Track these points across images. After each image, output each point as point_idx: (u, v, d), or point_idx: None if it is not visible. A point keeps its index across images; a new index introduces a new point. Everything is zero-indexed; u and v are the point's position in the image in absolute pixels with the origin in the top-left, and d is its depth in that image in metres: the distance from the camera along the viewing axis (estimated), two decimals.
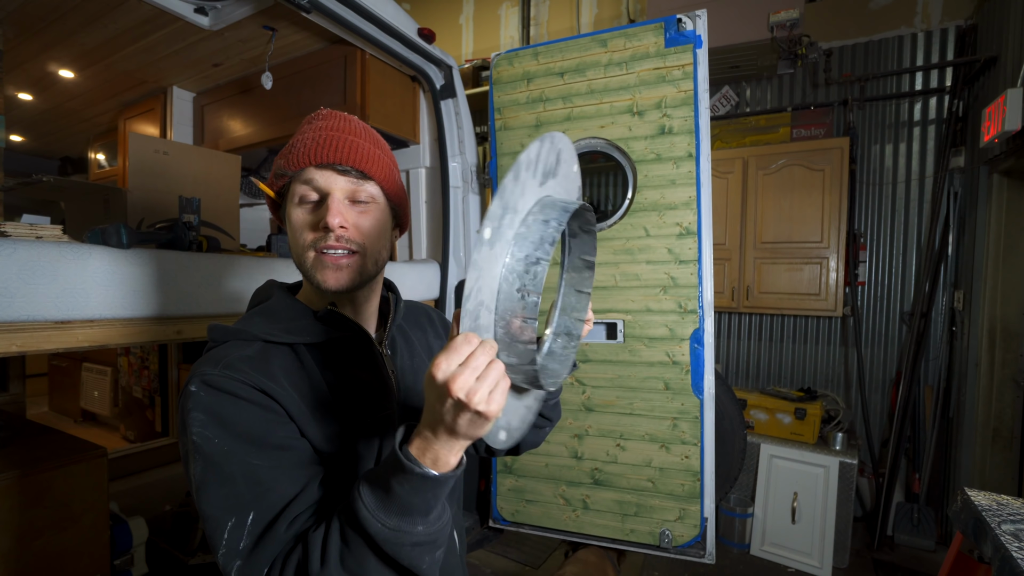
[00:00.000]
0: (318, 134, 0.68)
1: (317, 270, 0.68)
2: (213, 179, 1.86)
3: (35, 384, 3.73)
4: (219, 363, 0.62)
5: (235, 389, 0.60)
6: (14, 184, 1.64)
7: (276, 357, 0.67)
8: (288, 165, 0.68)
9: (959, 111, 2.56)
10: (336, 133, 0.69)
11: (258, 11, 1.80)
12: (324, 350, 0.71)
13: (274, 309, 0.72)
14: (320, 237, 0.67)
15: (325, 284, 0.68)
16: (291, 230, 0.70)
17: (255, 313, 0.72)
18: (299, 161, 0.67)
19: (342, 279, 0.69)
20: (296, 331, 0.69)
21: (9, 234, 1.02)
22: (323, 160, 0.67)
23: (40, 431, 1.80)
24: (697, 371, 1.74)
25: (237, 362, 0.63)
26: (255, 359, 0.65)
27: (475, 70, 3.20)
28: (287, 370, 0.66)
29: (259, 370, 0.63)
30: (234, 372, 0.61)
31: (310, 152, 0.67)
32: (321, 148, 0.67)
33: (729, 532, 2.59)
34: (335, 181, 0.68)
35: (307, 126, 0.71)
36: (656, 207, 1.80)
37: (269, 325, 0.69)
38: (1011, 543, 0.87)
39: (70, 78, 2.42)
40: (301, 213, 0.69)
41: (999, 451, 2.34)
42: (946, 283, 2.64)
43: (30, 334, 1.01)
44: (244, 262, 1.43)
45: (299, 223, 0.69)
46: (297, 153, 0.68)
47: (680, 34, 1.73)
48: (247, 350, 0.65)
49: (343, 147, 0.68)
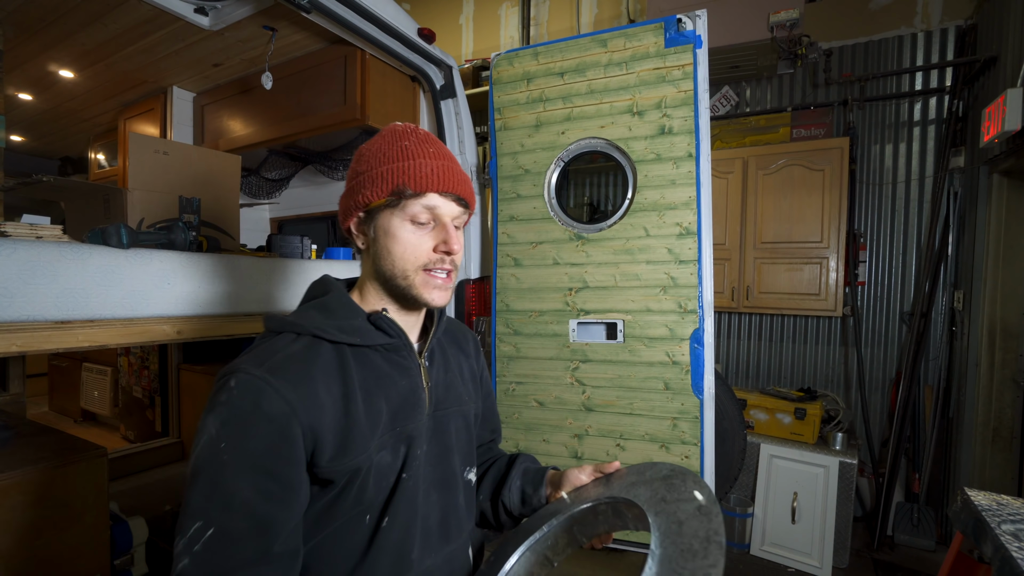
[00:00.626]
0: (439, 163, 0.74)
1: (424, 289, 0.74)
2: (213, 179, 1.86)
3: (35, 384, 3.73)
4: (264, 363, 0.65)
5: (267, 401, 0.62)
6: (14, 184, 1.64)
7: (320, 355, 0.69)
8: (414, 185, 0.72)
9: (959, 111, 2.56)
10: (452, 165, 0.76)
11: (258, 11, 1.80)
12: (368, 352, 0.74)
13: (330, 305, 0.75)
14: (436, 259, 0.74)
15: (433, 302, 0.75)
16: (399, 245, 0.73)
17: (311, 307, 0.75)
18: (426, 185, 0.72)
19: (446, 297, 0.77)
20: (348, 330, 0.72)
21: (9, 234, 1.02)
22: (448, 190, 0.74)
23: (40, 431, 1.80)
24: (697, 371, 1.74)
25: (283, 363, 0.65)
26: (300, 359, 0.67)
27: (475, 70, 3.21)
28: (327, 371, 0.68)
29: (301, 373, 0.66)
30: (274, 378, 0.63)
31: (439, 180, 0.73)
32: (448, 178, 0.74)
33: (729, 532, 2.59)
34: (451, 209, 0.76)
35: (412, 145, 0.75)
36: (656, 207, 1.80)
37: (323, 320, 0.72)
38: (1011, 543, 0.87)
39: (70, 78, 2.42)
40: (415, 232, 0.74)
41: (999, 451, 2.34)
42: (946, 283, 2.64)
43: (30, 334, 1.01)
44: (244, 262, 1.43)
45: (413, 242, 0.74)
46: (424, 176, 0.72)
47: (680, 34, 1.72)
48: (294, 346, 0.69)
49: (462, 181, 0.76)
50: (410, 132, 0.78)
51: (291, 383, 0.64)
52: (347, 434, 0.67)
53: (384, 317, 0.75)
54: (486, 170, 2.11)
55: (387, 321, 0.75)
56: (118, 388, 3.21)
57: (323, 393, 0.66)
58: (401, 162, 0.73)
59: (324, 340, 0.71)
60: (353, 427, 0.67)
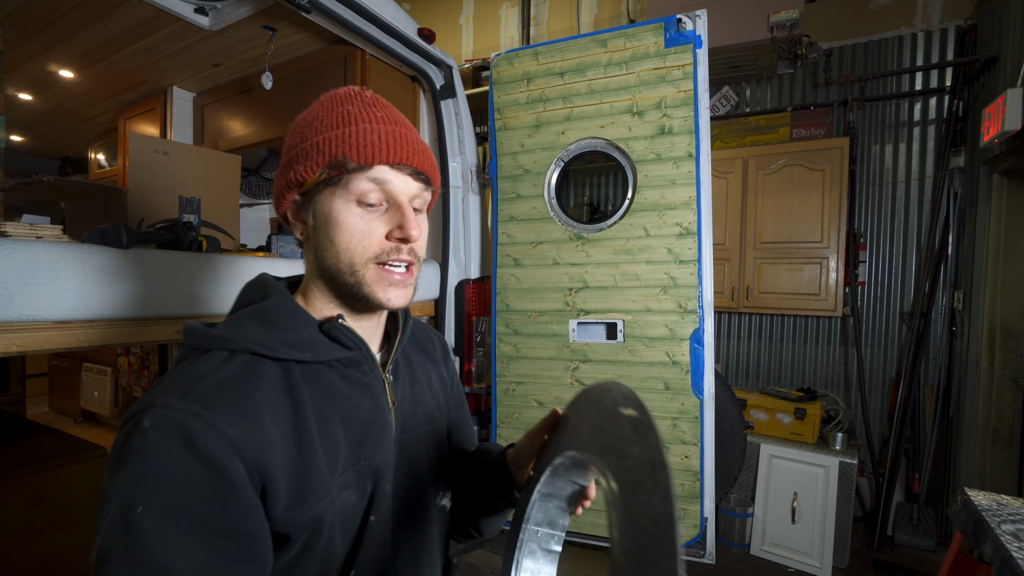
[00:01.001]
0: (388, 127, 0.59)
1: (378, 286, 0.60)
2: (213, 179, 1.86)
3: (35, 384, 3.74)
4: (188, 393, 0.50)
5: (199, 441, 0.47)
6: (14, 184, 1.64)
7: (263, 378, 0.55)
8: (357, 156, 0.57)
9: (959, 111, 2.56)
10: (405, 131, 0.61)
11: (258, 11, 1.80)
12: (320, 370, 0.60)
13: (271, 313, 0.60)
14: (391, 249, 0.60)
15: (389, 302, 0.61)
16: (343, 232, 0.59)
17: (246, 315, 0.60)
18: (373, 154, 0.58)
19: (405, 296, 0.62)
20: (295, 344, 0.58)
21: (9, 234, 1.02)
22: (402, 161, 0.59)
23: (40, 431, 1.81)
24: (697, 371, 1.74)
25: (212, 392, 0.51)
26: (236, 383, 0.53)
27: (475, 70, 3.20)
28: (272, 398, 0.54)
29: (240, 404, 0.51)
30: (205, 411, 0.48)
31: (390, 148, 0.58)
32: (402, 147, 0.59)
33: (729, 532, 2.59)
34: (407, 185, 0.61)
35: (356, 109, 0.61)
36: (656, 207, 1.80)
37: (262, 332, 0.57)
38: (1011, 543, 0.87)
39: (70, 78, 2.42)
40: (361, 217, 0.59)
41: (999, 451, 2.34)
42: (946, 283, 2.64)
43: (30, 334, 1.01)
44: (244, 262, 1.43)
45: (360, 228, 0.59)
46: (370, 144, 0.58)
47: (680, 34, 1.73)
48: (228, 368, 0.54)
49: (417, 150, 0.61)
50: (354, 95, 0.63)
51: (228, 415, 0.49)
52: (304, 476, 0.53)
53: (340, 326, 0.61)
54: (486, 170, 2.11)
55: (344, 331, 0.61)
56: (118, 388, 3.22)
57: (270, 426, 0.52)
58: (341, 129, 0.59)
59: (265, 358, 0.56)
60: (310, 466, 0.54)
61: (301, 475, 0.53)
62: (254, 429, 0.51)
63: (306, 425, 0.55)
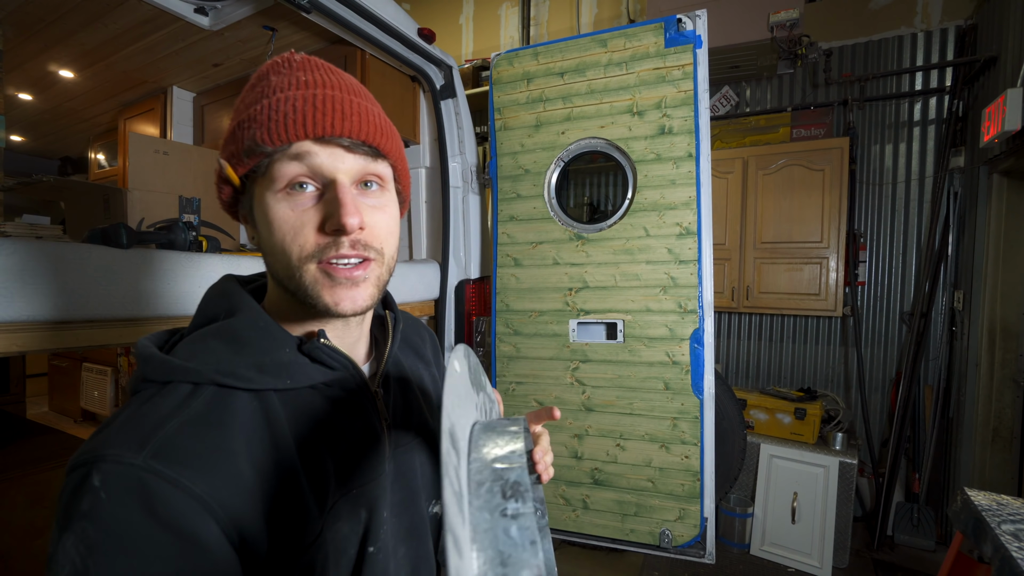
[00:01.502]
0: (311, 91, 0.48)
1: (324, 289, 0.50)
2: (213, 179, 1.86)
3: (35, 384, 3.74)
4: (146, 443, 0.41)
5: (161, 504, 0.39)
6: (14, 184, 1.64)
7: (235, 413, 0.46)
8: (268, 137, 0.47)
9: (959, 111, 2.56)
10: (335, 92, 0.49)
11: (258, 11, 1.80)
12: (301, 392, 0.52)
13: (241, 333, 0.50)
14: (327, 244, 0.49)
15: (338, 308, 0.50)
16: (273, 231, 0.49)
17: (211, 334, 0.50)
18: (288, 131, 0.47)
19: (360, 299, 0.51)
20: (271, 370, 0.49)
21: (9, 234, 1.02)
22: (326, 132, 0.48)
23: (40, 431, 1.81)
24: (697, 371, 1.74)
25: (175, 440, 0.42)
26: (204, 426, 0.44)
27: (475, 70, 3.20)
28: (248, 436, 0.46)
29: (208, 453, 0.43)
30: (168, 468, 0.40)
31: (306, 118, 0.47)
32: (322, 113, 0.47)
33: (729, 532, 2.59)
34: (342, 161, 0.49)
35: (278, 79, 0.50)
36: (656, 207, 1.80)
37: (231, 358, 0.48)
38: (1011, 543, 0.87)
39: (70, 78, 2.42)
40: (291, 208, 0.49)
41: (999, 451, 2.34)
42: (946, 283, 2.64)
43: (30, 334, 1.01)
44: (244, 262, 1.43)
45: (290, 222, 0.49)
46: (284, 118, 0.47)
47: (680, 34, 1.73)
48: (193, 406, 0.45)
49: (351, 113, 0.49)
50: (280, 63, 0.51)
51: (195, 468, 0.41)
52: (290, 519, 0.47)
53: (322, 346, 0.52)
54: (486, 170, 2.11)
55: (328, 352, 0.52)
56: (118, 388, 3.22)
57: (247, 470, 0.45)
58: (256, 105, 0.49)
59: (237, 390, 0.48)
60: (296, 507, 0.47)
61: (286, 518, 0.47)
62: (228, 480, 0.43)
63: (289, 461, 0.48)
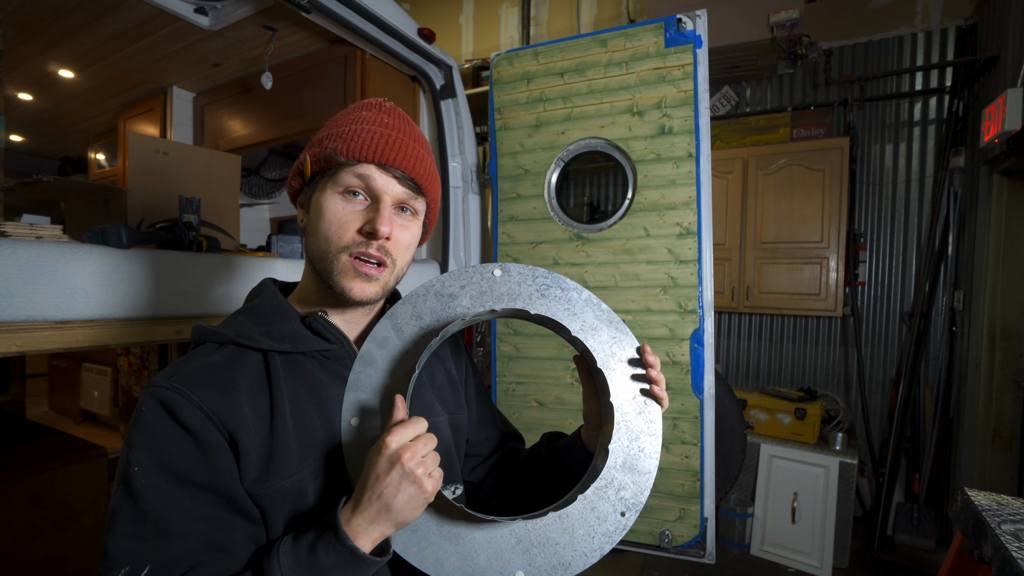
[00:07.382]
0: (386, 131, 0.64)
1: (345, 276, 0.63)
2: (213, 179, 1.86)
3: (35, 384, 3.73)
4: (175, 374, 0.57)
5: (177, 410, 0.54)
6: (14, 184, 1.64)
7: (244, 365, 0.61)
8: (346, 152, 0.62)
9: (959, 111, 2.56)
10: (403, 137, 0.65)
11: (258, 11, 1.80)
12: (301, 360, 0.65)
13: (260, 309, 0.66)
14: (360, 242, 0.63)
15: (350, 293, 0.63)
16: (324, 220, 0.63)
17: (240, 312, 0.67)
18: (361, 153, 0.62)
19: (368, 291, 0.64)
20: (277, 336, 0.63)
21: (9, 234, 1.02)
22: (387, 161, 0.63)
23: (40, 431, 1.81)
24: (697, 371, 1.74)
25: (196, 373, 0.58)
26: (218, 369, 0.59)
27: (475, 70, 3.20)
28: (251, 383, 0.60)
29: (218, 384, 0.58)
30: (184, 387, 0.56)
31: (377, 148, 0.62)
32: (389, 148, 0.63)
33: (729, 532, 2.59)
34: (391, 187, 0.64)
35: (368, 114, 0.67)
36: (656, 207, 1.79)
37: (250, 326, 0.64)
38: (1011, 543, 0.87)
39: (70, 78, 2.42)
40: (344, 207, 0.63)
41: (999, 451, 2.34)
42: (946, 283, 2.64)
43: (30, 334, 1.01)
44: (244, 262, 1.43)
45: (340, 217, 0.63)
46: (361, 144, 0.62)
47: (680, 34, 1.72)
48: (215, 356, 0.61)
49: (410, 155, 0.65)
50: (373, 103, 0.69)
51: (205, 392, 0.56)
52: (272, 453, 0.58)
53: (320, 319, 0.66)
54: (486, 170, 2.11)
55: (323, 323, 0.66)
56: (118, 388, 3.21)
57: (245, 406, 0.58)
58: (344, 127, 0.64)
59: (249, 348, 0.62)
60: (279, 445, 0.58)
61: (270, 452, 0.58)
62: (229, 406, 0.57)
63: (280, 408, 0.60)
